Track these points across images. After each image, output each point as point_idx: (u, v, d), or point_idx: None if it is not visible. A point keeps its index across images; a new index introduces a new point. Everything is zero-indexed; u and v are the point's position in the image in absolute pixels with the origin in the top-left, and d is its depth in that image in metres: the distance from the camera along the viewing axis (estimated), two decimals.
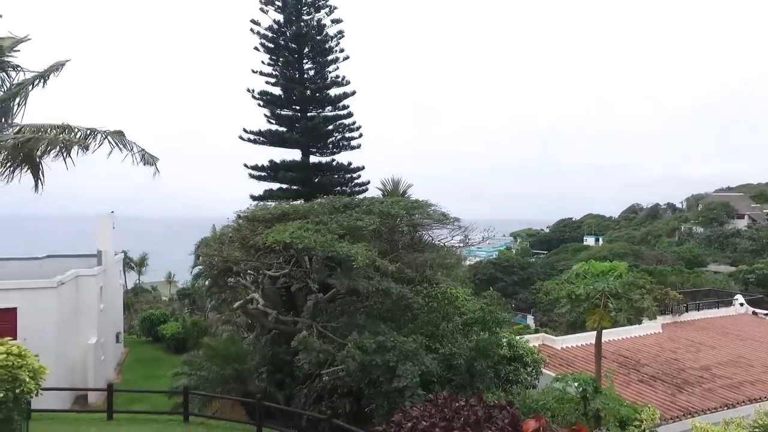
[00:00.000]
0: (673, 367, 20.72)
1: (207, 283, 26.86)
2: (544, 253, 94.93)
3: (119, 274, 37.06)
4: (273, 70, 33.41)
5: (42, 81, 10.52)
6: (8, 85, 10.37)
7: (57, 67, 10.74)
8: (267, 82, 33.30)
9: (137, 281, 62.49)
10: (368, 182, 34.09)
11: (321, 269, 18.04)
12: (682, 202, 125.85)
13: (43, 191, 10.95)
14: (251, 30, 32.54)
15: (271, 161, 33.17)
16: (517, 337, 19.87)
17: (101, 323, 26.88)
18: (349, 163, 34.31)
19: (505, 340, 18.19)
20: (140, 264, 63.67)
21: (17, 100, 10.46)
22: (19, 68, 10.39)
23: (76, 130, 10.75)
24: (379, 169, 40.68)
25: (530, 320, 47.54)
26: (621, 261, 18.27)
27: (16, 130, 10.40)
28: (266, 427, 14.40)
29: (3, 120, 10.37)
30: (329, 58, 33.59)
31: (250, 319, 20.77)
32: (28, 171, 10.72)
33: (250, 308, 18.70)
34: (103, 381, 22.79)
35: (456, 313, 17.99)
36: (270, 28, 32.73)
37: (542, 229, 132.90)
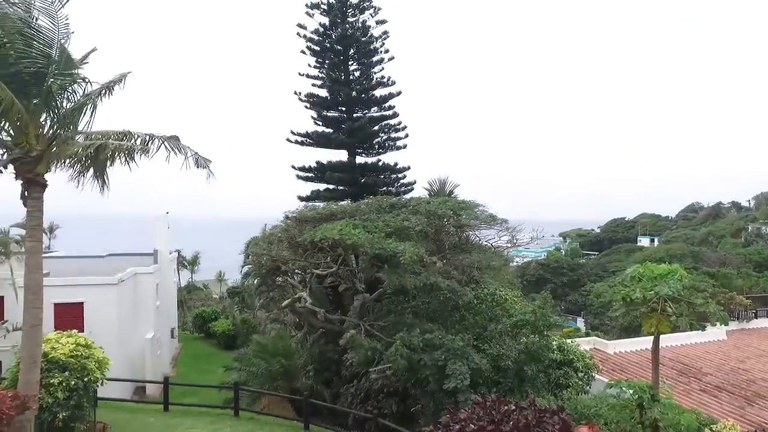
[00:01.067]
0: (741, 377, 19.41)
1: (256, 281, 27.54)
2: (594, 254, 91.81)
3: (173, 272, 38.61)
4: (319, 72, 33.89)
5: (107, 92, 10.97)
6: (78, 96, 10.90)
7: (120, 78, 11.19)
8: (313, 85, 33.84)
9: (190, 279, 64.86)
10: (414, 182, 34.03)
11: (367, 268, 18.12)
12: (749, 200, 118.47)
13: (109, 194, 11.42)
14: (298, 34, 33.16)
15: (318, 162, 33.65)
16: (568, 341, 19.26)
17: (157, 319, 28.07)
18: (395, 164, 34.34)
19: (555, 343, 17.66)
20: (193, 263, 66.03)
21: (85, 110, 10.96)
22: (87, 80, 10.90)
23: (136, 135, 11.16)
24: (423, 168, 40.49)
25: (580, 323, 46.06)
26: (678, 263, 17.38)
27: (84, 137, 10.90)
28: (313, 424, 14.57)
29: (73, 128, 10.91)
30: (374, 59, 33.75)
31: (298, 318, 21.10)
32: (96, 175, 11.19)
33: (298, 307, 19.01)
34: (159, 374, 23.73)
35: (504, 315, 17.63)
36: (316, 32, 33.22)
37: (592, 230, 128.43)
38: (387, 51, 33.81)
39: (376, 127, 34.08)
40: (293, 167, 34.03)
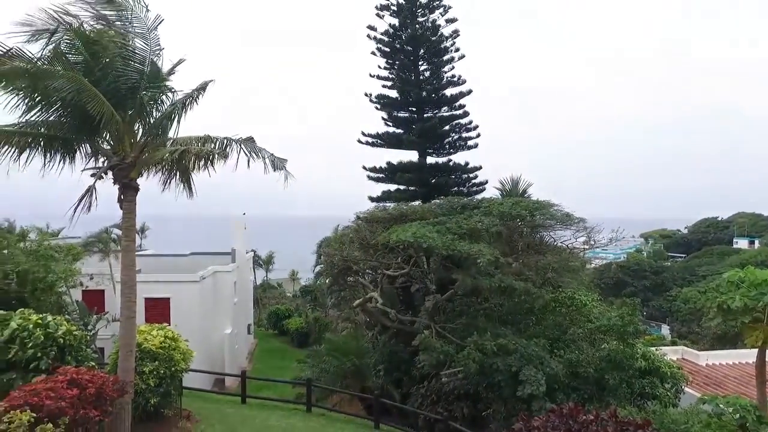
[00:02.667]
0: None
1: (328, 281, 28.17)
2: (681, 257, 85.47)
3: (250, 270, 40.42)
4: (389, 73, 34.05)
5: (191, 100, 11.54)
6: (165, 105, 11.51)
7: (203, 86, 11.70)
8: (384, 86, 34.04)
9: (265, 278, 67.43)
10: (486, 182, 33.32)
11: (439, 269, 17.98)
12: None
13: (194, 197, 12.00)
14: (368, 36, 33.49)
15: (388, 163, 33.82)
16: (653, 349, 18.04)
17: (235, 315, 29.48)
18: (466, 163, 33.79)
19: (639, 351, 16.60)
20: (267, 262, 68.62)
21: (172, 118, 11.59)
22: (173, 90, 11.50)
23: (215, 140, 11.67)
24: (493, 167, 39.59)
25: (665, 330, 43.10)
26: None
27: (170, 144, 11.56)
28: (383, 423, 14.63)
29: (162, 136, 11.56)
30: (444, 58, 33.42)
31: (369, 318, 21.33)
32: (182, 179, 11.81)
33: (369, 307, 19.20)
34: (237, 368, 24.91)
35: (583, 320, 16.82)
36: (386, 33, 33.40)
37: (678, 230, 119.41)
38: (457, 50, 33.37)
39: (447, 127, 33.72)
40: (364, 168, 34.42)
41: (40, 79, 9.15)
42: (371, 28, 33.30)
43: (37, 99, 9.98)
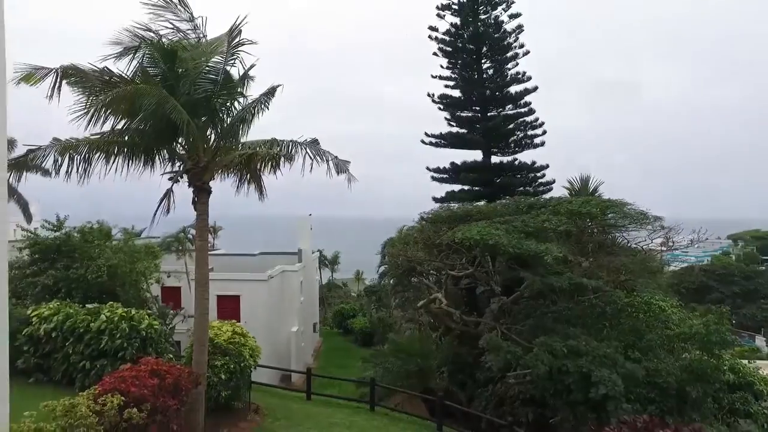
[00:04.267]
0: None
1: (392, 281, 28.29)
2: None
3: (316, 270, 41.38)
4: (451, 73, 33.72)
5: (261, 105, 11.95)
6: (236, 110, 11.99)
7: (271, 91, 12.08)
8: (446, 86, 33.75)
9: (330, 278, 68.77)
10: (553, 181, 32.20)
11: (504, 270, 17.56)
12: None
13: (265, 199, 12.41)
14: (429, 36, 33.33)
15: (452, 163, 33.49)
16: (743, 362, 16.61)
17: (301, 314, 30.30)
18: (533, 162, 32.81)
19: (727, 363, 15.32)
20: (333, 262, 69.93)
21: (243, 122, 12.06)
22: (244, 95, 11.96)
23: (281, 143, 12.01)
24: (560, 165, 38.18)
25: (759, 342, 39.60)
26: None
27: (240, 148, 12.04)
28: (446, 425, 14.47)
29: (233, 140, 12.06)
30: (508, 54, 32.63)
31: (433, 319, 21.20)
32: (252, 182, 12.26)
33: (433, 307, 19.08)
34: (302, 365, 25.55)
35: (661, 326, 15.79)
36: (447, 32, 33.10)
37: None
38: (521, 46, 32.48)
39: (512, 125, 32.93)
40: (428, 169, 34.29)
41: (135, 98, 9.67)
42: (432, 28, 33.13)
43: (125, 111, 10.68)
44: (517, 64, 32.67)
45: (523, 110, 32.80)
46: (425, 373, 18.36)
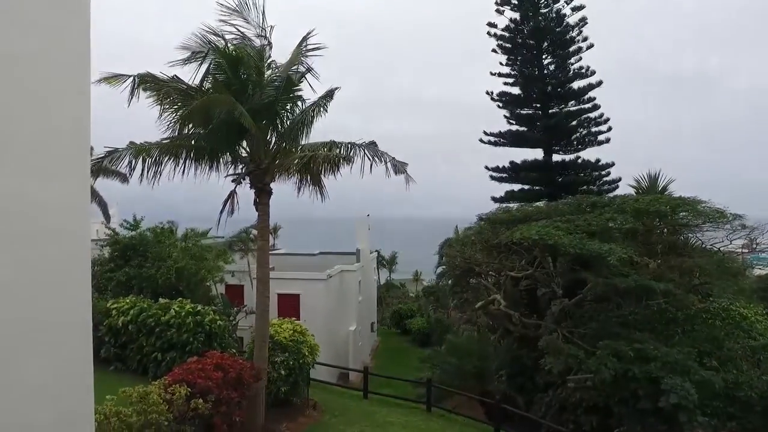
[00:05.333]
0: None
1: (450, 282, 28.07)
2: None
3: (374, 270, 41.72)
4: (511, 70, 33.03)
5: (320, 108, 12.19)
6: (295, 113, 12.28)
7: (330, 93, 12.28)
8: (505, 83, 33.12)
9: (388, 278, 69.14)
10: (619, 179, 30.78)
11: (566, 271, 16.96)
12: None
13: (325, 200, 12.64)
14: (488, 33, 32.80)
15: (511, 162, 32.79)
16: None
17: (359, 313, 30.64)
18: (597, 160, 31.52)
19: None
20: (391, 262, 70.27)
21: (302, 125, 12.35)
22: (302, 98, 12.24)
23: (340, 145, 12.19)
24: (628, 162, 36.37)
25: None
26: None
27: (300, 150, 12.33)
28: (503, 430, 14.15)
29: (293, 142, 12.37)
30: (571, 49, 31.55)
31: (492, 320, 20.83)
32: (312, 183, 12.53)
33: (491, 309, 18.75)
34: (360, 363, 25.82)
35: (743, 335, 14.66)
36: (507, 28, 32.45)
37: None
38: (585, 39, 31.27)
39: (574, 122, 31.81)
40: (486, 168, 33.77)
41: (210, 108, 10.06)
42: (491, 25, 32.58)
43: (197, 118, 11.21)
44: (581, 58, 31.57)
45: (586, 106, 31.63)
46: (483, 375, 18.07)
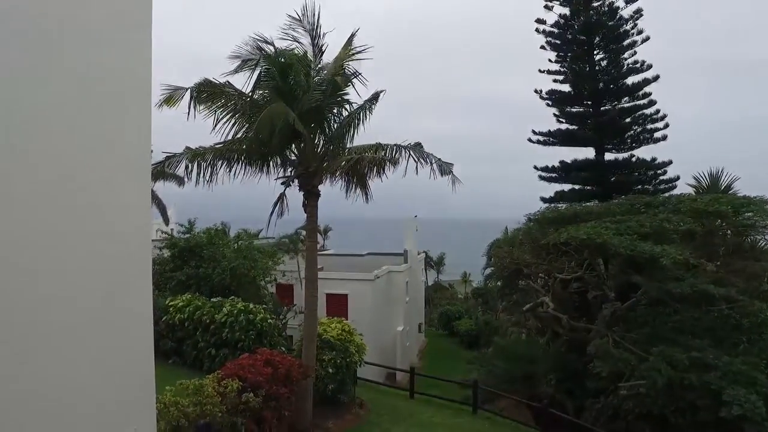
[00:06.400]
0: None
1: (498, 284, 27.72)
2: None
3: (421, 271, 41.78)
4: (560, 67, 32.16)
5: (365, 111, 12.40)
6: (342, 116, 12.55)
7: (375, 97, 12.48)
8: (555, 81, 32.26)
9: (436, 279, 68.89)
10: (677, 178, 29.31)
11: (618, 274, 16.43)
12: None
13: (371, 202, 12.85)
14: (536, 30, 32.09)
15: (561, 162, 31.93)
16: None
17: (407, 314, 30.74)
18: (653, 159, 30.15)
19: None
20: (438, 263, 69.95)
21: (349, 128, 12.61)
22: (348, 102, 12.48)
23: (386, 147, 12.35)
24: (687, 160, 34.68)
25: None
26: None
27: (346, 152, 12.59)
28: None
29: (340, 145, 12.65)
30: (625, 43, 30.36)
31: (540, 323, 20.45)
32: (359, 185, 12.77)
33: (540, 312, 18.44)
34: (407, 364, 25.92)
35: None
36: (556, 24, 31.64)
37: None
38: (640, 32, 29.98)
39: (628, 119, 30.57)
40: (535, 168, 33.00)
41: (272, 118, 10.33)
42: (540, 21, 31.86)
43: (245, 123, 11.69)
44: (635, 52, 30.29)
45: (641, 102, 30.34)
46: (531, 378, 17.74)
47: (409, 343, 30.64)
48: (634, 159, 30.53)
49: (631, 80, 30.40)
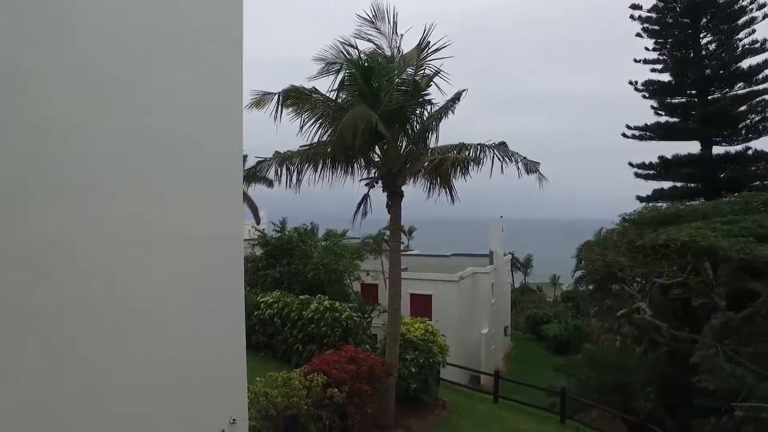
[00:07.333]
0: None
1: (590, 287, 26.33)
2: None
3: (507, 273, 40.64)
4: (659, 54, 29.82)
5: (448, 111, 12.31)
6: (424, 117, 12.54)
7: (457, 96, 12.36)
8: (653, 70, 29.99)
9: (523, 281, 66.77)
10: None
11: (729, 280, 14.92)
12: None
13: (455, 202, 12.75)
14: (631, 17, 30.00)
15: (660, 157, 29.60)
16: None
17: (492, 316, 30.08)
18: None
19: None
20: (526, 265, 67.73)
21: (431, 128, 12.59)
22: (430, 102, 12.45)
23: (469, 146, 12.19)
24: None
25: None
26: None
27: (429, 153, 12.57)
28: None
29: (423, 146, 12.66)
30: (739, 21, 27.34)
31: (636, 331, 19.10)
32: (443, 185, 12.72)
33: (635, 318, 17.23)
34: (491, 367, 25.35)
35: None
36: (654, 8, 29.33)
37: None
38: (762, 5, 26.58)
39: (743, 108, 27.61)
40: (630, 165, 30.89)
41: (355, 121, 10.59)
42: (635, 7, 29.72)
43: (329, 127, 12.07)
44: (753, 30, 27.13)
45: (759, 87, 27.27)
46: (626, 390, 16.59)
47: (494, 346, 29.96)
48: (750, 152, 27.53)
49: (747, 63, 27.40)
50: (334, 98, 11.79)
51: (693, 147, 28.94)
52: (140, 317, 4.25)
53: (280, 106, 11.20)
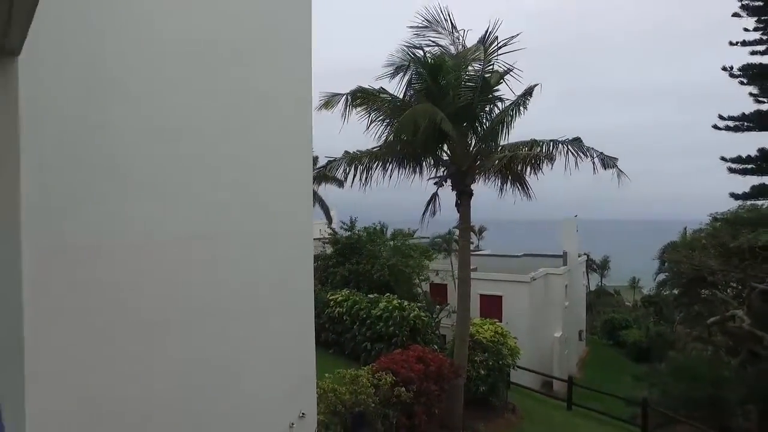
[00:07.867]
0: None
1: (675, 292, 24.65)
2: None
3: (582, 275, 38.86)
4: (762, 35, 27.08)
5: (519, 107, 11.93)
6: (494, 113, 12.23)
7: (529, 91, 11.94)
8: (753, 52, 27.24)
9: (599, 283, 63.53)
10: None
11: None
12: None
13: (530, 200, 12.34)
14: None
15: (761, 150, 26.93)
16: None
17: (565, 319, 28.85)
18: None
19: None
20: (602, 267, 64.44)
21: (501, 125, 12.25)
22: (501, 99, 12.11)
23: (541, 143, 11.72)
24: None
25: None
26: None
27: (499, 150, 12.24)
28: None
29: (493, 143, 12.36)
30: None
31: (731, 340, 17.58)
32: (515, 184, 12.36)
33: (730, 327, 15.88)
34: (565, 373, 24.32)
35: None
36: None
37: None
38: None
39: None
40: (723, 159, 28.32)
41: (417, 118, 10.52)
42: None
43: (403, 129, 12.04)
44: None
45: None
46: (720, 405, 15.29)
47: (567, 350, 28.74)
48: None
49: None
50: (401, 97, 11.77)
51: None
52: (218, 315, 4.44)
53: (348, 107, 11.36)
